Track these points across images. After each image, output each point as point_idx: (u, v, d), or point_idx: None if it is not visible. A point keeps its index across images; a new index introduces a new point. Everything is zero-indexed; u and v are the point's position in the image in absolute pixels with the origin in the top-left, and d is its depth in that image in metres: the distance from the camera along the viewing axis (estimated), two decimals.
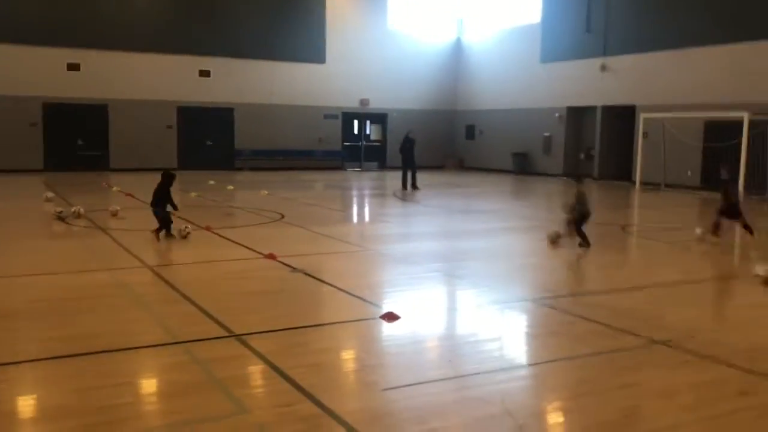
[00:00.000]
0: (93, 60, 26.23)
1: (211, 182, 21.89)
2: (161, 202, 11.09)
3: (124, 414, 4.40)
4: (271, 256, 9.58)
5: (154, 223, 11.08)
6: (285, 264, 9.19)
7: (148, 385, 5.12)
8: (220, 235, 11.59)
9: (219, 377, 5.05)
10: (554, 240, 10.92)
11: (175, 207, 11.27)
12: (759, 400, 4.84)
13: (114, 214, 13.59)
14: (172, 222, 11.10)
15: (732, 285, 9.17)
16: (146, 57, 27.04)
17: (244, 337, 5.96)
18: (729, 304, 7.91)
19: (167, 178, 11.31)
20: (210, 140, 28.55)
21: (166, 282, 8.16)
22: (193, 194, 18.44)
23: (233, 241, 11.05)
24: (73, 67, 26.09)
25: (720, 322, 6.88)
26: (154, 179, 11.50)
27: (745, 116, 19.56)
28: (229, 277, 8.63)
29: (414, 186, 21.49)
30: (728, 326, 6.69)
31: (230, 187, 21.35)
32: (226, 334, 6.06)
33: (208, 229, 12.10)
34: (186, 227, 11.19)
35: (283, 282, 8.42)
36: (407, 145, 21.90)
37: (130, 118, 26.87)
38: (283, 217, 14.18)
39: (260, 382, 5.13)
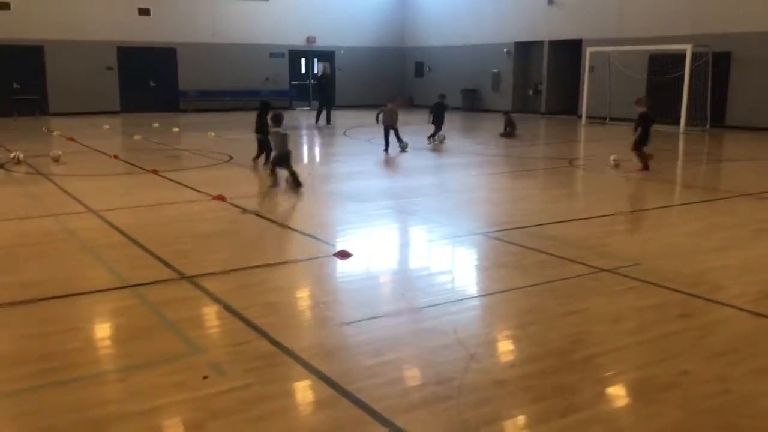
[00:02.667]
0: None
1: (156, 125, 21.34)
2: (262, 129, 12.10)
3: (75, 360, 4.35)
4: (220, 198, 9.47)
5: (98, 168, 10.81)
6: (235, 205, 9.10)
7: (99, 330, 5.07)
8: (167, 178, 11.39)
9: (171, 319, 5.02)
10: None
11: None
12: (698, 322, 5.04)
13: (56, 160, 13.17)
14: (272, 149, 11.68)
15: (675, 213, 9.44)
16: None
17: (195, 278, 5.92)
18: (672, 232, 8.14)
19: (263, 107, 12.58)
20: (153, 81, 27.73)
21: (113, 226, 8.00)
22: (137, 137, 18.00)
23: (181, 184, 10.87)
24: (4, 6, 24.82)
25: (664, 249, 7.09)
26: (97, 122, 11.17)
27: (688, 49, 19.82)
28: (177, 220, 8.52)
29: (328, 121, 22.55)
30: (671, 253, 6.90)
31: (175, 130, 20.84)
32: (177, 276, 6.01)
33: (154, 172, 11.87)
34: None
35: (234, 223, 8.35)
36: (323, 81, 22.97)
37: (68, 60, 25.80)
38: (231, 158, 13.97)
39: (214, 323, 5.12)
